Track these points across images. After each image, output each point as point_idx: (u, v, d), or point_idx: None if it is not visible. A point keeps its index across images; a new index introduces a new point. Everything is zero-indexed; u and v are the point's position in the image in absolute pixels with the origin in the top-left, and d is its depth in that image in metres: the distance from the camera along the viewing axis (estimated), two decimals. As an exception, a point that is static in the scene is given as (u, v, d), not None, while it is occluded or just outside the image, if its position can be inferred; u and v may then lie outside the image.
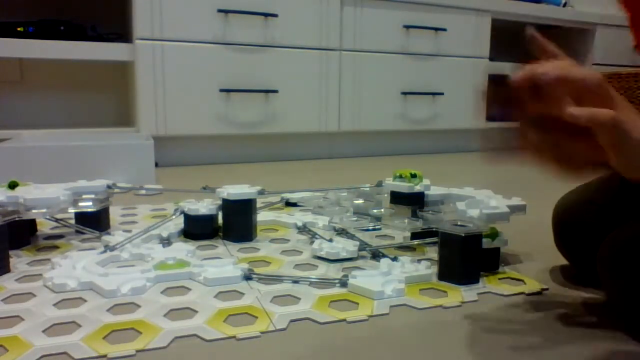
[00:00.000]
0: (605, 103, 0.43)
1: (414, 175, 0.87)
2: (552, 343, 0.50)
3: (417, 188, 0.86)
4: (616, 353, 0.48)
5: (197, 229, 0.83)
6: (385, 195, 0.90)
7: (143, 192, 1.13)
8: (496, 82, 0.47)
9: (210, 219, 0.83)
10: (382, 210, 0.89)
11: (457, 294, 0.61)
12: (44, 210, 0.75)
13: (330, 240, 0.78)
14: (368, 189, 0.96)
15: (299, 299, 0.59)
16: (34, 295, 0.59)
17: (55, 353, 0.46)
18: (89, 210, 0.83)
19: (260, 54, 1.72)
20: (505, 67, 2.23)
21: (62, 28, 1.57)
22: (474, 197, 0.82)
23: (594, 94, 0.43)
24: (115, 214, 0.98)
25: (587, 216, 0.64)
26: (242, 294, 0.60)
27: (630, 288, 0.49)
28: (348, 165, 1.78)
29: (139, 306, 0.56)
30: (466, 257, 0.64)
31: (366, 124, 1.94)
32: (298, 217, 0.94)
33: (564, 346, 0.49)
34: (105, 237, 0.79)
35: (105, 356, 0.46)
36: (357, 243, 0.77)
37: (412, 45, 1.97)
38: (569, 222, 0.67)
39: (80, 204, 0.82)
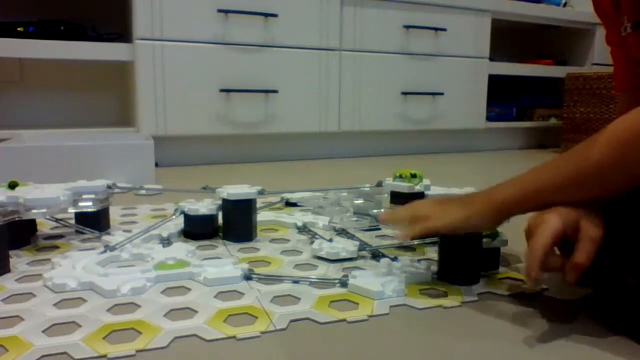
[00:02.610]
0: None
1: (414, 175, 0.87)
2: (552, 343, 0.50)
3: (417, 188, 0.86)
4: (615, 354, 0.48)
5: (197, 229, 0.83)
6: (385, 195, 0.90)
7: (143, 192, 1.13)
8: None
9: (210, 219, 0.83)
10: (382, 210, 0.89)
11: (457, 294, 0.61)
12: (44, 210, 0.75)
13: (330, 240, 0.78)
14: (368, 189, 0.96)
15: (299, 299, 0.59)
16: (34, 295, 0.59)
17: (55, 353, 0.46)
18: (89, 210, 0.83)
19: (260, 54, 1.72)
20: (505, 67, 2.23)
21: (62, 28, 1.57)
22: (474, 197, 0.82)
23: None
24: (115, 214, 0.98)
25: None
26: (242, 294, 0.60)
27: None
28: (348, 165, 1.78)
29: (139, 306, 0.56)
30: (466, 257, 0.64)
31: (366, 124, 1.94)
32: (298, 217, 0.94)
33: (563, 346, 0.49)
34: (105, 237, 0.79)
35: (105, 356, 0.46)
36: (357, 243, 0.77)
37: (412, 45, 1.97)
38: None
39: (80, 204, 0.82)
